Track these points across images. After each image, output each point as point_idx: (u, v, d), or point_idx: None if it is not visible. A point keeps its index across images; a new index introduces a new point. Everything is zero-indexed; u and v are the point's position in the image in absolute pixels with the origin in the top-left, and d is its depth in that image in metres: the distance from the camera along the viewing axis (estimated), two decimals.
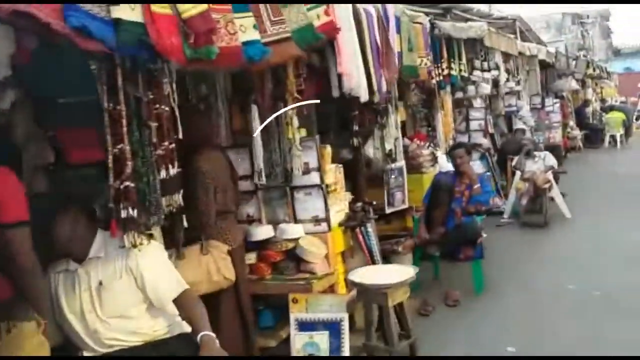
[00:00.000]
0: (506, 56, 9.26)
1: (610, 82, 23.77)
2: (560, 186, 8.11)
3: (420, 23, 5.70)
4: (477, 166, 7.65)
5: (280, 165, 3.36)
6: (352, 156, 4.75)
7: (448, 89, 7.01)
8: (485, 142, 7.73)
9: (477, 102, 8.11)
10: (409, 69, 5.26)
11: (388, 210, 5.15)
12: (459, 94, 8.03)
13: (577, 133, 14.15)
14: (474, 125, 7.85)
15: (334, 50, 3.65)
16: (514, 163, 7.20)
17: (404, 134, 6.77)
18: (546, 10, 32.41)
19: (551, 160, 7.12)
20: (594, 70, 18.10)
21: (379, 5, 4.59)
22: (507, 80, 9.56)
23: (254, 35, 2.76)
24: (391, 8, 4.79)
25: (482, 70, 8.16)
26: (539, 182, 6.50)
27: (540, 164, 7.09)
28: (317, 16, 3.31)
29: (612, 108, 16.46)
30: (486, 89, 8.12)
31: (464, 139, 7.91)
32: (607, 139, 15.03)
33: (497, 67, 8.51)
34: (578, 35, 34.34)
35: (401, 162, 5.25)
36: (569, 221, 6.88)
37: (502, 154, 8.00)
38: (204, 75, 3.70)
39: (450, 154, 4.87)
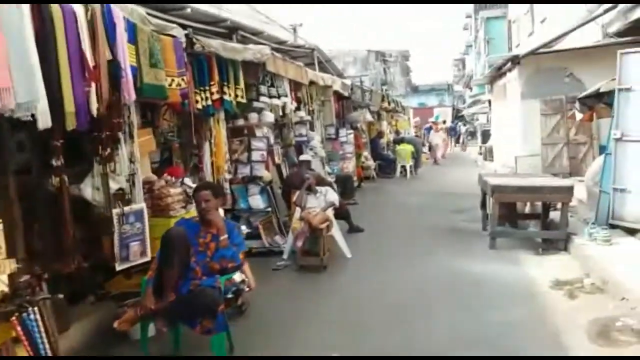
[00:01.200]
0: (297, 84, 8.87)
1: (404, 115, 25.79)
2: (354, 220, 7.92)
3: (173, 36, 4.78)
4: (257, 201, 6.97)
5: None
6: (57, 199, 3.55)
7: (222, 115, 6.20)
8: (267, 174, 7.06)
9: (261, 131, 7.44)
10: (151, 88, 4.28)
11: (119, 267, 4.07)
12: (240, 122, 7.32)
13: (372, 163, 14.64)
14: (256, 155, 7.15)
15: None
16: (294, 199, 6.62)
17: (169, 166, 5.75)
18: (353, 46, 34.79)
19: (332, 196, 6.70)
20: (389, 103, 19.31)
21: (97, 6, 3.54)
22: (298, 109, 9.19)
23: None
24: (119, 12, 3.76)
25: (271, 97, 7.58)
26: (314, 223, 5.94)
27: (322, 199, 6.62)
28: None
29: (402, 140, 17.52)
30: (270, 117, 7.53)
31: (245, 170, 7.20)
32: (398, 169, 15.85)
33: (287, 95, 8.03)
34: (381, 71, 37.47)
35: (140, 205, 4.22)
36: (350, 262, 6.47)
37: (287, 187, 7.41)
38: None
39: (194, 196, 3.92)
